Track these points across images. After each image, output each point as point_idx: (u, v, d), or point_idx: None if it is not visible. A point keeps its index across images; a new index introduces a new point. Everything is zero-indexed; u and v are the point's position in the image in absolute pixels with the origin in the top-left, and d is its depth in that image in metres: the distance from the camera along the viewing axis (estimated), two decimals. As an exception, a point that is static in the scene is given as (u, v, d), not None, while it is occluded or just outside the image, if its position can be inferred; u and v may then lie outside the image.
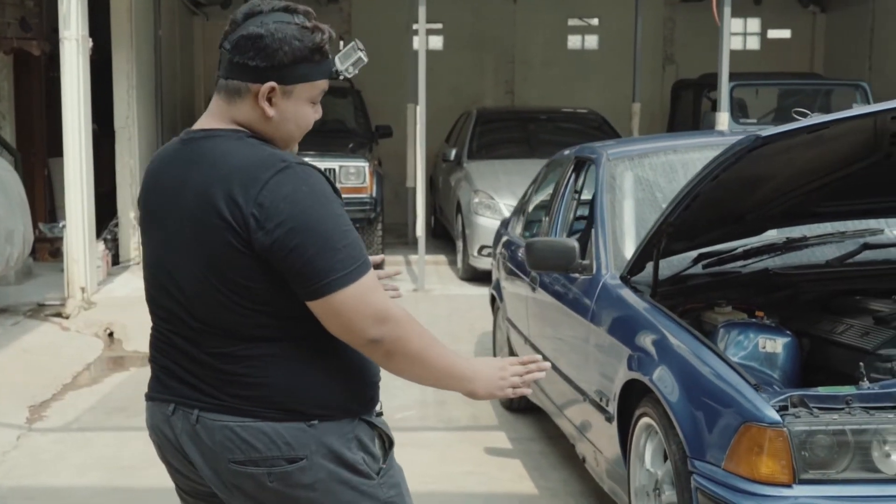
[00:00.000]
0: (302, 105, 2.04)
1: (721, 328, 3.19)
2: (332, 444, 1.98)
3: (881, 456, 2.57)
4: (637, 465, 3.36)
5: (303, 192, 1.91)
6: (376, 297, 1.93)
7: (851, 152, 3.10)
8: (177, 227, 2.01)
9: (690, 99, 12.12)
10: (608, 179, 4.27)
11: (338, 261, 1.90)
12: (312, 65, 2.01)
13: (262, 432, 1.97)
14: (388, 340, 1.93)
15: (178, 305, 2.03)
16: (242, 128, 2.03)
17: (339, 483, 1.99)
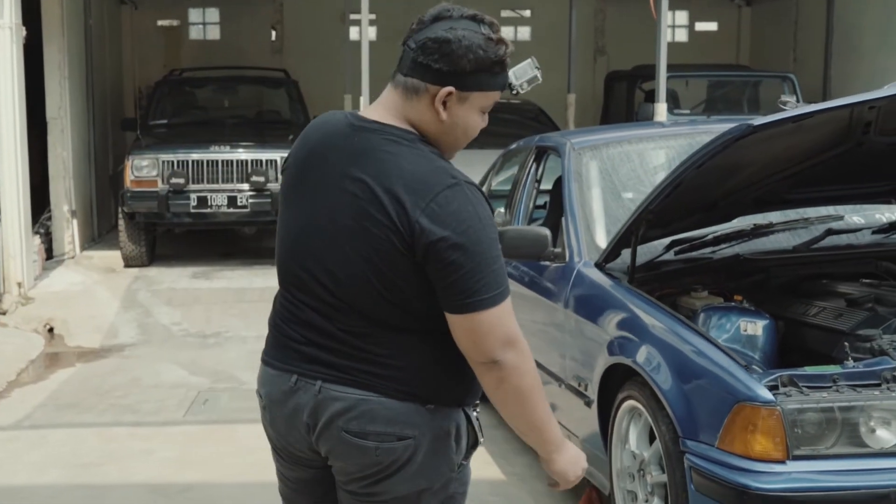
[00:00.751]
0: (473, 113, 2.09)
1: (702, 312, 3.28)
2: (438, 429, 2.10)
3: (867, 431, 2.69)
4: (618, 448, 3.43)
5: (468, 212, 1.99)
6: (511, 323, 2.02)
7: (825, 141, 3.22)
8: (335, 208, 2.07)
9: (624, 90, 12.30)
10: (575, 168, 4.33)
11: (486, 283, 1.98)
12: (491, 76, 2.06)
13: (385, 408, 2.07)
14: (507, 366, 2.02)
15: (321, 280, 2.09)
16: (412, 127, 2.08)
17: (435, 461, 2.11)
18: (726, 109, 11.51)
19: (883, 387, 2.71)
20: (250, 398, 5.79)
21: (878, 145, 3.30)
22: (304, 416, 2.12)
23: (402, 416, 2.08)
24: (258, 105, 11.63)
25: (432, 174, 2.00)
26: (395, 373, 2.08)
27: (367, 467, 2.10)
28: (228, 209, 9.45)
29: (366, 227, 2.02)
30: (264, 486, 4.55)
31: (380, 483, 2.11)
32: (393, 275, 2.03)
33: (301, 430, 2.14)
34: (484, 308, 1.98)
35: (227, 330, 7.56)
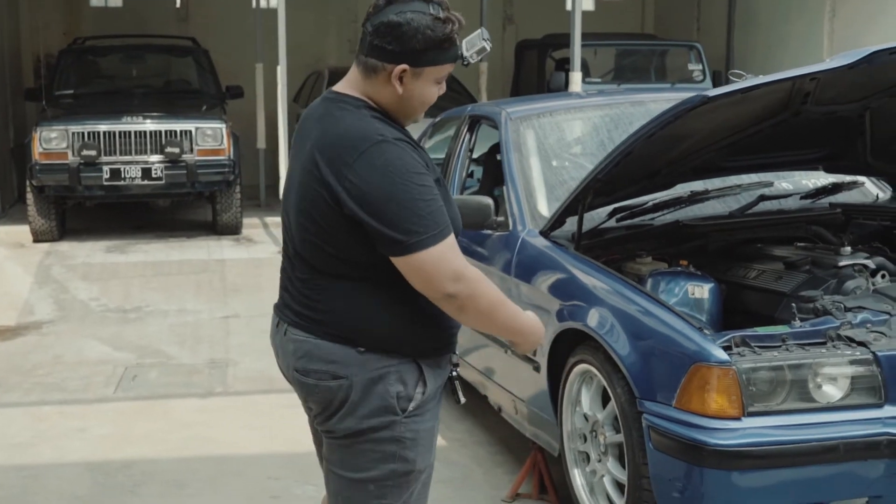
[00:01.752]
0: (428, 85, 2.29)
1: (650, 277, 3.39)
2: (372, 372, 2.28)
3: (815, 387, 2.84)
4: (569, 411, 3.53)
5: (394, 165, 2.18)
6: (455, 258, 2.19)
7: (766, 111, 3.35)
8: (297, 170, 2.34)
9: (535, 59, 12.41)
10: (513, 137, 4.40)
11: (423, 226, 2.16)
12: (441, 51, 2.26)
13: (319, 349, 2.31)
14: (461, 297, 2.20)
15: (288, 235, 2.39)
16: (370, 100, 2.29)
17: (367, 403, 2.28)
18: (635, 78, 11.73)
19: (829, 345, 2.87)
20: (180, 373, 5.85)
21: (813, 115, 3.45)
22: (280, 357, 2.43)
23: (336, 357, 2.29)
24: (166, 75, 11.38)
25: (361, 133, 2.21)
26: (327, 317, 2.30)
27: (318, 404, 2.34)
28: (143, 181, 9.27)
29: (307, 183, 2.27)
30: (205, 461, 4.57)
31: (330, 419, 2.33)
32: (327, 226, 2.25)
33: (283, 370, 2.44)
34: (423, 248, 2.16)
35: (147, 304, 7.46)
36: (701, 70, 11.30)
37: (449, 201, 2.32)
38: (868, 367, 2.82)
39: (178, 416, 5.13)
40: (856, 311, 3.00)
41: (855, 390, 2.83)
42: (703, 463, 2.76)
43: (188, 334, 6.66)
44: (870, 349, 2.84)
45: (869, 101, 3.51)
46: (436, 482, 4.23)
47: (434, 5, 2.25)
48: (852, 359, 2.82)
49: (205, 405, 5.32)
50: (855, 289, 3.18)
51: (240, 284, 7.94)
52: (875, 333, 2.90)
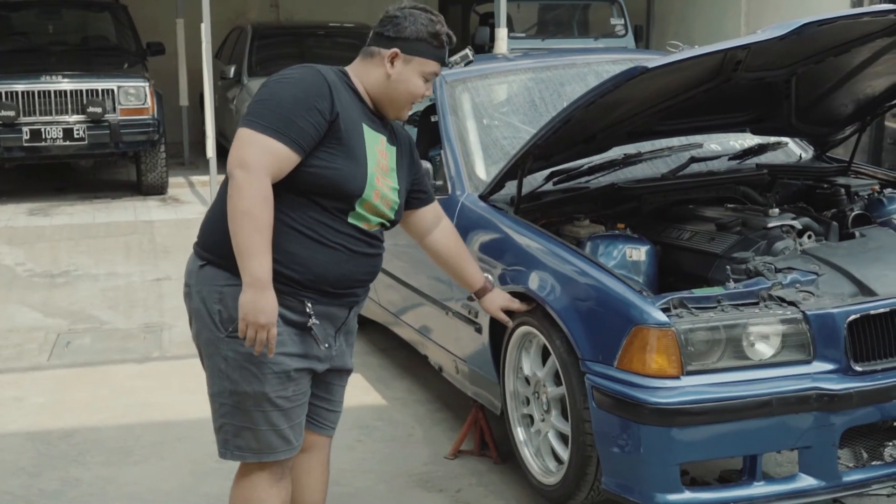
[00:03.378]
0: (415, 76, 2.64)
1: (589, 241, 3.49)
2: (203, 287, 2.57)
3: (748, 345, 2.98)
4: (511, 372, 3.64)
5: (280, 74, 2.55)
6: (252, 152, 2.44)
7: (699, 78, 3.45)
8: None
9: (459, 14, 12.41)
10: (449, 101, 4.45)
11: (251, 111, 2.50)
12: (429, 46, 2.64)
13: (189, 260, 2.65)
14: (235, 180, 2.43)
15: None
16: (362, 84, 2.64)
17: (202, 317, 2.56)
18: (558, 33, 11.82)
19: (761, 305, 3.01)
20: (115, 338, 5.83)
21: (743, 80, 3.57)
22: None
23: (189, 266, 2.64)
24: (83, 31, 11.09)
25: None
26: (202, 229, 2.65)
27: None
28: (64, 142, 9.08)
29: None
30: (148, 427, 4.58)
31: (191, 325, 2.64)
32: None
33: None
34: (241, 125, 2.49)
35: (76, 268, 7.36)
36: (623, 24, 11.44)
37: (351, 156, 2.54)
38: (798, 325, 2.96)
39: (116, 382, 5.11)
40: (785, 271, 3.15)
41: (786, 348, 2.97)
42: (644, 420, 2.89)
43: (121, 298, 6.60)
44: (799, 308, 2.98)
45: (795, 67, 3.65)
46: (378, 441, 4.38)
47: (430, 14, 2.69)
48: (783, 318, 2.97)
49: (143, 370, 5.31)
50: (784, 249, 3.32)
51: (170, 246, 7.88)
52: (804, 293, 3.05)
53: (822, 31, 3.16)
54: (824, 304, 3.00)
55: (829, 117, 4.16)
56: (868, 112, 4.12)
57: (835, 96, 3.97)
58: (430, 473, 3.99)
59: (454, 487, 3.85)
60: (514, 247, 3.57)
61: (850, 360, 2.96)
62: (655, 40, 13.18)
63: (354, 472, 4.01)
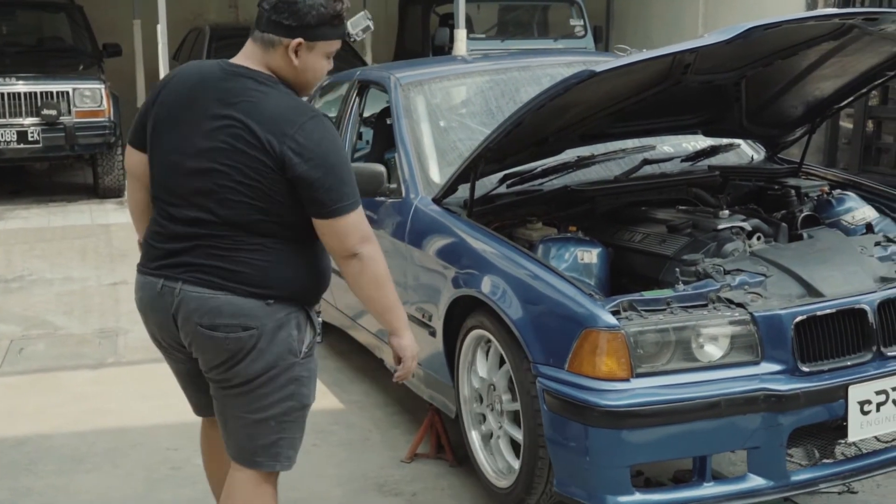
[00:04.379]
0: (320, 58, 2.60)
1: (541, 244, 3.50)
2: (279, 319, 2.58)
3: (697, 347, 2.99)
4: (466, 374, 3.64)
5: (327, 140, 2.52)
6: (365, 224, 2.58)
7: (649, 80, 3.47)
8: (208, 136, 2.52)
9: (419, 15, 12.39)
10: (403, 104, 4.44)
11: (345, 194, 2.52)
12: (331, 27, 2.57)
13: (230, 304, 2.56)
14: (365, 257, 2.56)
15: (188, 198, 2.56)
16: (273, 73, 2.57)
17: (275, 347, 2.59)
18: (518, 33, 11.85)
19: (710, 307, 3.03)
20: (69, 344, 5.76)
21: (692, 83, 3.59)
22: (168, 314, 2.62)
23: (246, 311, 2.56)
24: (39, 32, 10.95)
25: (295, 109, 2.52)
26: (244, 270, 2.57)
27: (223, 354, 2.59)
28: (19, 145, 8.97)
29: (240, 148, 2.49)
30: (101, 434, 4.53)
31: (236, 367, 2.59)
32: (266, 188, 2.51)
33: (176, 327, 2.64)
34: (345, 213, 2.52)
35: (30, 273, 7.27)
36: (582, 25, 11.48)
37: None
38: (746, 326, 2.99)
39: (70, 388, 5.06)
40: (734, 273, 3.17)
41: (734, 349, 2.99)
42: (594, 423, 2.90)
43: (76, 303, 6.52)
44: (747, 310, 3.01)
45: (744, 70, 3.68)
46: (334, 445, 4.36)
47: None
48: (731, 319, 2.99)
49: (97, 376, 5.26)
50: (733, 251, 3.34)
51: (126, 249, 7.78)
52: (752, 294, 3.07)
53: (769, 34, 3.19)
54: (772, 306, 3.02)
55: (780, 119, 4.20)
56: (817, 114, 4.17)
57: (784, 98, 4.01)
58: (387, 477, 3.98)
59: (410, 491, 3.84)
60: (467, 250, 3.57)
61: (797, 361, 2.99)
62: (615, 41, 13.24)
63: (310, 477, 3.99)
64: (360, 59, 10.63)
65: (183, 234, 2.59)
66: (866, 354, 3.06)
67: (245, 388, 2.61)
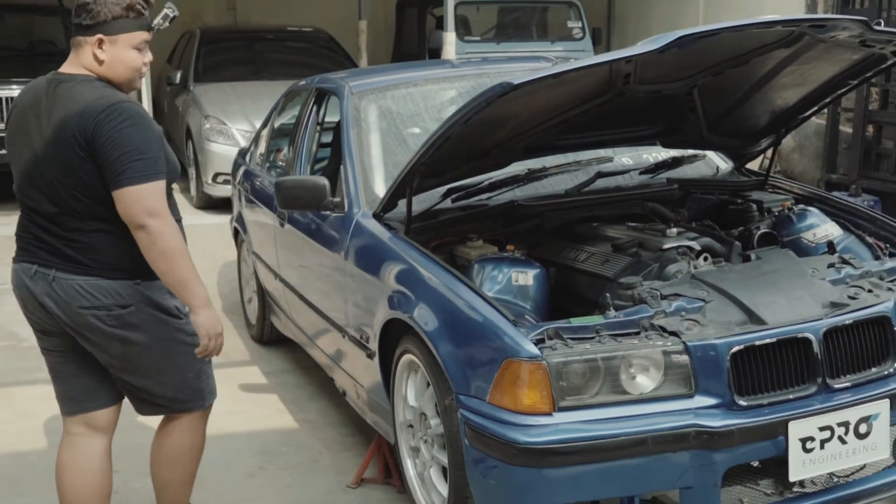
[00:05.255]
0: (128, 50, 2.79)
1: (475, 263, 3.31)
2: (152, 295, 2.88)
3: (628, 378, 2.79)
4: (400, 401, 3.45)
5: (121, 120, 2.70)
6: (155, 200, 2.71)
7: (589, 91, 3.27)
8: (46, 143, 2.78)
9: (415, 17, 12.21)
10: (353, 113, 4.26)
11: (133, 167, 2.68)
12: (129, 20, 2.77)
13: (101, 286, 2.83)
14: (153, 231, 2.70)
15: (44, 196, 2.82)
16: (90, 72, 2.80)
17: (158, 321, 2.90)
18: (516, 35, 11.64)
19: (641, 335, 2.82)
20: (31, 357, 5.60)
21: (639, 93, 3.38)
22: (44, 300, 2.86)
23: (118, 290, 2.84)
24: (30, 35, 10.83)
25: (100, 99, 2.72)
26: (104, 258, 2.83)
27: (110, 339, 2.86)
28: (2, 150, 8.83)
29: (62, 149, 2.74)
30: (43, 454, 4.38)
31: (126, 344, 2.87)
32: (84, 176, 2.74)
33: (54, 311, 2.87)
34: (129, 185, 2.68)
35: (4, 282, 7.09)
36: (580, 27, 11.26)
37: (169, 152, 2.86)
38: (678, 357, 2.78)
39: (21, 405, 4.92)
40: (671, 298, 2.96)
41: (667, 381, 2.78)
42: (514, 461, 2.70)
43: (44, 313, 6.39)
44: (681, 339, 2.80)
45: (694, 79, 3.46)
46: (281, 468, 4.19)
47: None
48: (664, 349, 2.78)
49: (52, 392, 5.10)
50: (676, 273, 3.13)
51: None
52: (689, 322, 2.87)
53: (714, 42, 2.99)
54: (707, 335, 2.81)
55: (743, 129, 3.98)
56: (782, 124, 3.94)
57: (744, 108, 3.79)
58: (330, 503, 3.81)
59: (351, 519, 3.67)
60: (399, 270, 3.38)
61: (733, 394, 2.77)
62: (616, 43, 13.02)
63: (251, 501, 3.82)
64: (353, 62, 10.45)
65: (44, 227, 2.85)
66: (810, 387, 2.84)
67: (145, 359, 2.92)
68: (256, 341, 5.71)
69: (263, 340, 5.64)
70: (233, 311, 6.23)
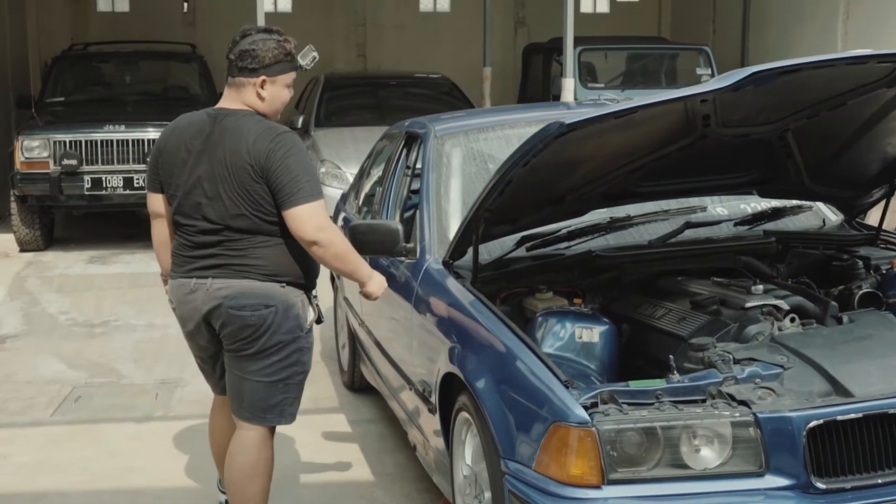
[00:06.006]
0: (282, 89, 3.28)
1: (539, 317, 3.08)
2: (290, 299, 3.28)
3: (690, 451, 2.50)
4: (459, 461, 3.24)
5: (288, 147, 3.16)
6: (322, 215, 3.16)
7: (665, 134, 3.01)
8: (218, 168, 3.18)
9: (541, 63, 12.08)
10: (435, 156, 4.11)
11: (301, 188, 3.12)
12: (286, 63, 3.25)
13: (252, 287, 3.24)
14: (324, 242, 3.16)
15: (206, 216, 3.22)
16: (250, 108, 3.23)
17: (288, 322, 3.28)
18: (643, 83, 11.35)
19: (707, 403, 2.53)
20: (126, 394, 5.64)
21: (724, 137, 3.10)
22: (203, 307, 3.29)
23: (266, 291, 3.23)
24: (164, 81, 11.20)
25: (268, 130, 3.18)
26: (258, 263, 3.24)
27: (247, 329, 3.25)
28: (125, 191, 9.10)
29: (235, 173, 3.16)
30: (117, 494, 4.34)
31: (260, 339, 3.25)
32: (255, 195, 3.16)
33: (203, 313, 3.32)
34: (299, 204, 3.11)
35: (116, 318, 7.27)
36: (710, 74, 10.89)
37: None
38: (747, 429, 2.48)
39: (107, 443, 4.91)
40: (745, 363, 2.66)
41: (734, 456, 2.48)
42: (557, 537, 2.45)
43: (149, 351, 6.45)
44: (751, 409, 2.50)
45: (785, 122, 3.15)
46: (350, 526, 4.02)
47: (274, 34, 3.26)
48: (731, 420, 2.49)
49: (139, 431, 5.10)
50: (756, 335, 2.83)
51: (213, 298, 7.73)
52: (762, 390, 2.56)
53: (798, 80, 2.70)
54: (781, 406, 2.50)
55: (851, 178, 3.62)
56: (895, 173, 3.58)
57: (850, 154, 3.45)
58: (390, 565, 3.61)
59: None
60: (459, 322, 3.18)
61: (809, 475, 2.45)
62: (750, 90, 12.54)
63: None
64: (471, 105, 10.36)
65: (205, 243, 3.24)
66: (902, 471, 2.49)
67: (261, 355, 3.26)
68: (348, 388, 5.58)
69: (354, 388, 5.51)
70: (330, 355, 6.14)
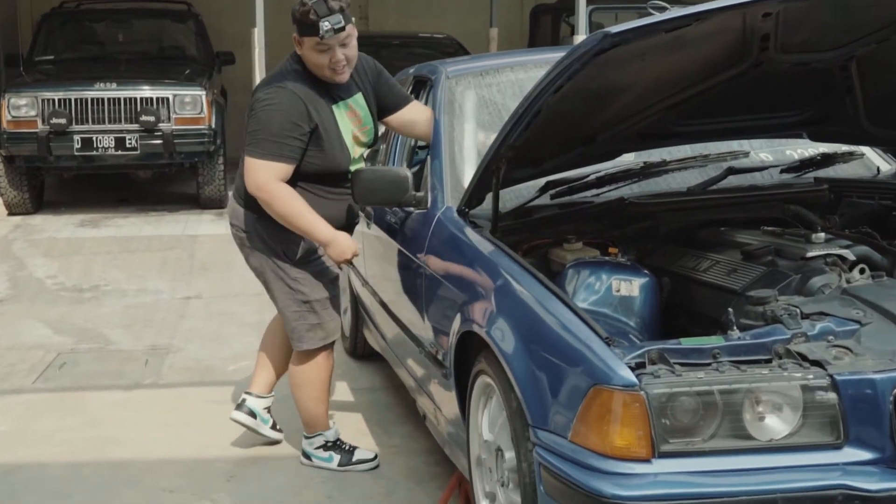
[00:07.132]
0: (310, 51, 3.33)
1: (569, 268, 2.71)
2: (264, 230, 3.46)
3: (754, 419, 2.14)
4: (476, 431, 2.88)
5: (256, 105, 3.38)
6: (261, 175, 3.30)
7: (716, 59, 2.63)
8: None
9: (549, 24, 11.70)
10: (447, 99, 3.73)
11: (250, 143, 3.32)
12: (304, 26, 3.27)
13: (236, 209, 3.56)
14: (263, 202, 3.35)
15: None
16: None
17: (264, 251, 3.52)
18: (652, 16, 10.95)
19: (774, 363, 2.17)
20: (113, 360, 5.28)
21: (781, 66, 2.72)
22: None
23: (242, 216, 3.51)
24: (158, 40, 10.78)
25: (261, 81, 3.53)
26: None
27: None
28: (116, 151, 8.72)
29: None
30: (99, 466, 3.99)
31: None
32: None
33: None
34: (246, 155, 3.34)
35: (106, 283, 6.93)
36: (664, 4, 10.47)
37: (332, 146, 3.41)
38: (822, 394, 2.11)
39: (91, 411, 4.58)
40: (815, 318, 2.29)
41: (806, 425, 2.12)
42: (599, 519, 2.09)
43: (140, 316, 6.12)
44: (826, 371, 2.14)
45: (852, 47, 2.76)
46: (350, 499, 3.68)
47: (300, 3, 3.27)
48: (803, 383, 2.12)
49: (126, 399, 4.77)
50: (822, 287, 2.47)
51: (209, 262, 7.40)
52: (838, 349, 2.20)
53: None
54: (863, 367, 2.13)
55: (913, 121, 3.24)
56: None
57: (917, 92, 3.07)
58: (398, 544, 3.27)
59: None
60: (477, 275, 2.81)
61: (896, 448, 2.10)
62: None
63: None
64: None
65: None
66: None
67: (260, 279, 3.59)
68: (350, 355, 5.24)
69: (357, 355, 5.16)
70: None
